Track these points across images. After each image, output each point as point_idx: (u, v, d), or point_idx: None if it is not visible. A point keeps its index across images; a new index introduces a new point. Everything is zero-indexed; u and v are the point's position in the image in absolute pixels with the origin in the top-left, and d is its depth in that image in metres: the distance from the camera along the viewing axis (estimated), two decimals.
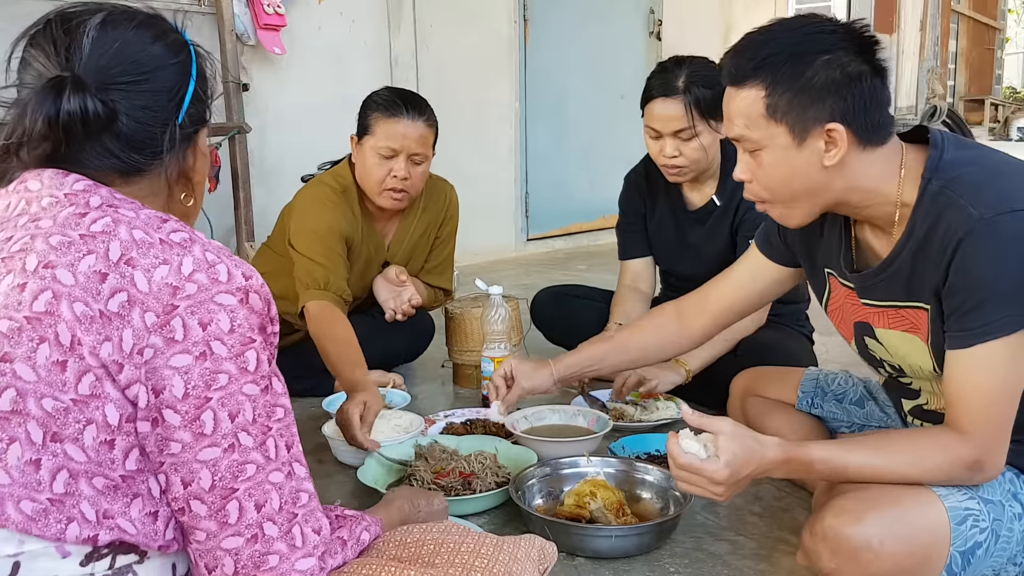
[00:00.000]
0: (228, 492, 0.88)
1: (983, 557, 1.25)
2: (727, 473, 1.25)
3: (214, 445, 0.87)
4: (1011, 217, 1.17)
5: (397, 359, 2.72)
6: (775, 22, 1.31)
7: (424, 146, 2.36)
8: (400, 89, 2.45)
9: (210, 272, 0.88)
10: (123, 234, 0.88)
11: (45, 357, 0.83)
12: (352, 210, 2.43)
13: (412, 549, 1.04)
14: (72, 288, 0.84)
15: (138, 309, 0.85)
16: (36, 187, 0.92)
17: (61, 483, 0.83)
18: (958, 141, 1.30)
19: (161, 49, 0.96)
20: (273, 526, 0.90)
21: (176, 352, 0.85)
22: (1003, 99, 16.08)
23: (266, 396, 0.90)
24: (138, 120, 0.94)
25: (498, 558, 1.03)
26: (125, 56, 0.93)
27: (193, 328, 0.86)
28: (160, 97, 0.95)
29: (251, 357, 0.89)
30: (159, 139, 0.95)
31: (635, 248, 2.55)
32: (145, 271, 0.86)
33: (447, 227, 2.67)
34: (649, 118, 2.26)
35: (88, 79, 0.91)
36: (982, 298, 1.19)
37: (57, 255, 0.85)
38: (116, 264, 0.86)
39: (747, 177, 1.36)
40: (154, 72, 0.95)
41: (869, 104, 1.25)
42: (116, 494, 0.86)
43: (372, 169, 2.35)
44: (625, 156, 3.23)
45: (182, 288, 0.86)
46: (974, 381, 1.23)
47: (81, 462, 0.84)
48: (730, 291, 1.69)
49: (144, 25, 0.97)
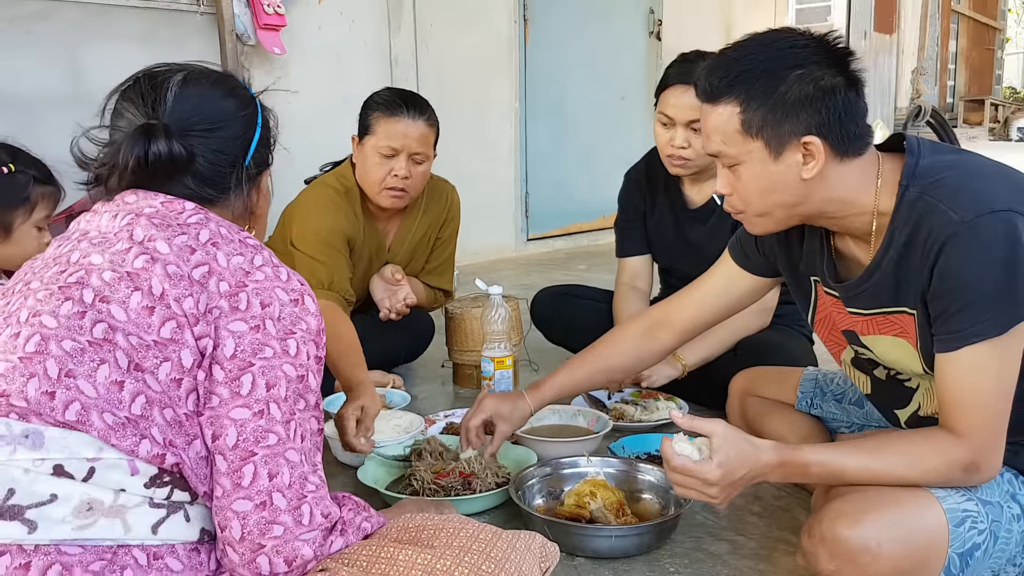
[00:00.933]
0: (247, 454, 0.98)
1: (982, 558, 1.25)
2: (720, 474, 1.25)
3: (246, 407, 0.99)
4: (990, 218, 1.17)
5: (397, 359, 2.72)
6: (748, 38, 1.32)
7: (425, 145, 2.37)
8: (401, 89, 2.46)
9: (275, 270, 1.07)
10: (212, 227, 1.07)
11: (137, 303, 0.99)
12: (354, 211, 2.44)
13: (412, 533, 1.08)
14: (167, 255, 1.02)
15: (215, 279, 1.02)
16: (132, 200, 1.09)
17: (139, 406, 0.97)
18: (934, 146, 1.30)
19: (231, 103, 1.15)
20: (282, 498, 0.99)
21: (236, 319, 1.01)
22: (1003, 99, 16.08)
23: (300, 384, 1.04)
24: (211, 161, 1.12)
25: (496, 543, 1.06)
26: (202, 109, 1.12)
27: (255, 304, 1.03)
28: (230, 143, 1.14)
29: (292, 344, 1.04)
30: (228, 177, 1.14)
31: (633, 246, 2.55)
32: (226, 254, 1.05)
33: (448, 228, 2.67)
34: (664, 105, 2.25)
35: (172, 127, 1.08)
36: (967, 301, 1.19)
37: (158, 231, 1.04)
38: (204, 244, 1.04)
39: (727, 191, 1.37)
40: (225, 122, 1.13)
41: (844, 116, 1.26)
42: (180, 430, 0.99)
43: (373, 168, 2.36)
44: (625, 156, 3.23)
45: (252, 273, 1.05)
46: (966, 383, 1.23)
47: (157, 391, 0.98)
48: (702, 302, 1.69)
49: (217, 83, 1.16)
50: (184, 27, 3.50)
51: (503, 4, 5.02)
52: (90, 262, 1.02)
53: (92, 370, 0.96)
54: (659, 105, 2.27)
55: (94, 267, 1.02)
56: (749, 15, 6.88)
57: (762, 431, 1.83)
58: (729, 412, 2.03)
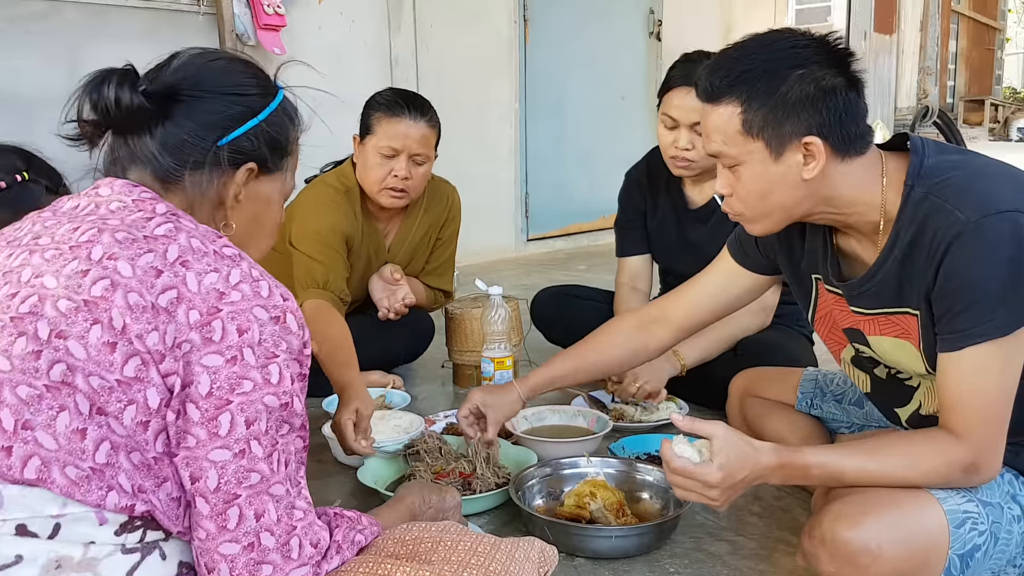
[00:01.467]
0: (231, 497, 0.92)
1: (982, 560, 1.25)
2: (720, 476, 1.25)
3: (225, 448, 0.91)
4: (997, 219, 1.17)
5: (397, 360, 2.72)
6: (749, 38, 1.32)
7: (425, 146, 2.37)
8: (403, 90, 2.46)
9: (255, 286, 0.96)
10: (182, 240, 0.96)
11: (96, 338, 0.89)
12: (354, 211, 2.44)
13: (410, 546, 1.05)
14: (129, 280, 0.91)
15: (184, 306, 0.92)
16: (106, 193, 1.01)
17: (103, 453, 0.89)
18: (938, 146, 1.30)
19: (237, 81, 1.08)
20: (271, 537, 0.94)
21: (210, 351, 0.91)
22: (1003, 99, 16.09)
23: (283, 411, 0.95)
24: (183, 128, 1.03)
25: (495, 556, 1.04)
26: (198, 79, 1.05)
27: (231, 332, 0.92)
28: (211, 116, 1.05)
29: (274, 370, 0.94)
30: (192, 150, 1.04)
31: (633, 245, 2.55)
32: (197, 274, 0.93)
33: (449, 228, 2.67)
34: (667, 107, 2.24)
35: (152, 85, 1.02)
36: (971, 300, 1.19)
37: (121, 248, 0.93)
38: (172, 264, 0.93)
39: (728, 191, 1.37)
40: (215, 95, 1.05)
41: (845, 116, 1.26)
42: (149, 473, 0.92)
43: (373, 168, 2.36)
44: (625, 156, 3.23)
45: (228, 294, 0.93)
46: (967, 384, 1.23)
47: (122, 436, 0.90)
48: (700, 299, 1.69)
49: (237, 61, 1.11)
50: (184, 27, 3.50)
51: (503, 4, 5.02)
52: (43, 284, 0.92)
53: (51, 419, 0.87)
54: (662, 106, 2.26)
55: (48, 293, 0.91)
56: (749, 15, 6.88)
57: (762, 432, 1.83)
58: (729, 413, 2.03)
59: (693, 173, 2.32)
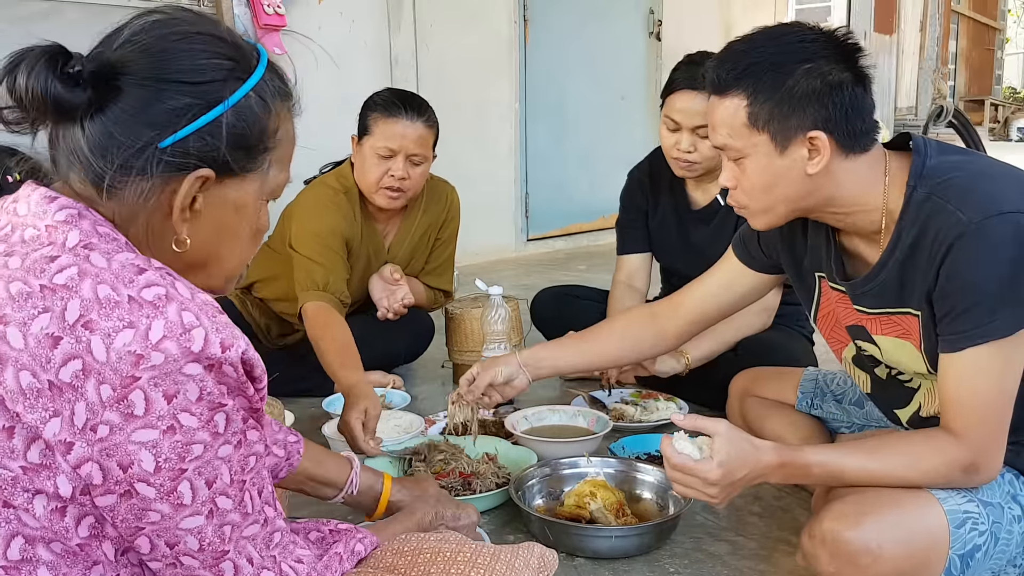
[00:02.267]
0: (220, 554, 0.84)
1: (982, 560, 1.25)
2: (720, 473, 1.25)
3: (196, 514, 0.81)
4: (999, 220, 1.17)
5: (397, 359, 2.72)
6: (757, 31, 1.32)
7: (422, 147, 2.37)
8: (401, 90, 2.47)
9: (182, 340, 0.77)
10: (86, 291, 0.76)
11: None
12: (353, 211, 2.44)
13: (408, 558, 1.03)
14: (20, 353, 0.75)
15: (93, 380, 0.75)
16: (24, 211, 0.84)
17: (16, 549, 0.77)
18: (940, 146, 1.30)
19: (188, 65, 0.85)
20: (269, 572, 0.88)
21: (138, 427, 0.76)
22: (1003, 99, 16.09)
23: (239, 450, 0.83)
24: (114, 121, 0.83)
25: (495, 567, 1.02)
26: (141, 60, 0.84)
27: (156, 401, 0.76)
28: (152, 112, 0.83)
29: (220, 420, 0.80)
30: (119, 153, 0.83)
31: (634, 244, 2.55)
32: (105, 336, 0.75)
33: (448, 228, 2.67)
34: (669, 109, 2.24)
35: (88, 65, 0.82)
36: (973, 301, 1.19)
37: (13, 308, 0.76)
38: (72, 327, 0.75)
39: (732, 184, 1.37)
40: (160, 84, 0.83)
41: (851, 112, 1.26)
42: (75, 559, 0.80)
43: (370, 169, 2.36)
44: (625, 156, 3.23)
45: (147, 357, 0.75)
46: (967, 384, 1.23)
47: (36, 528, 0.78)
48: (706, 298, 1.70)
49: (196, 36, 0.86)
50: None
51: (503, 4, 5.01)
52: None
53: None
54: (665, 108, 2.26)
55: None
56: (749, 15, 6.87)
57: (762, 431, 1.83)
58: (729, 412, 2.03)
59: (695, 174, 2.32)
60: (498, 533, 1.68)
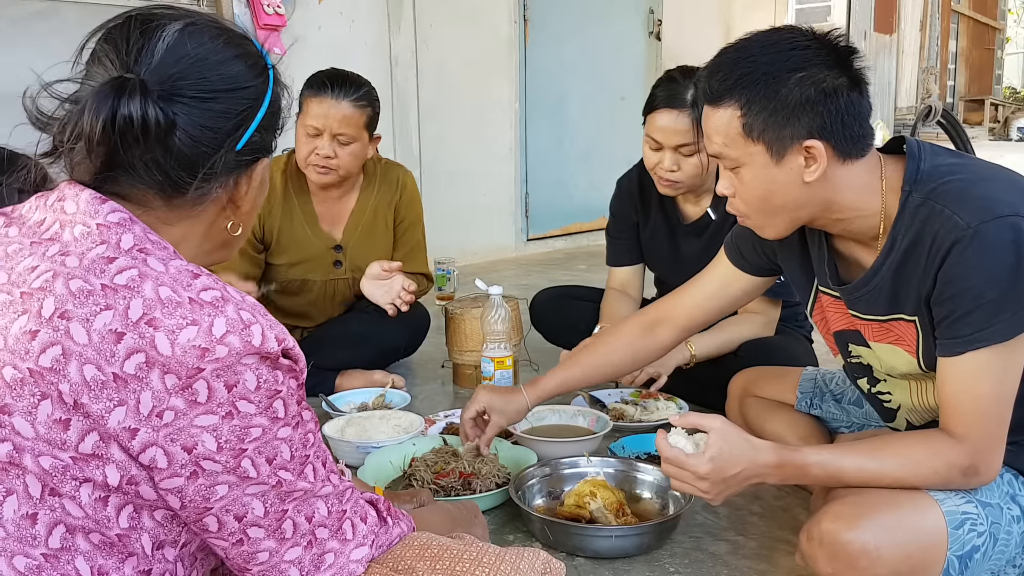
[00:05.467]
0: (281, 514, 0.89)
1: (981, 561, 1.25)
2: (710, 468, 1.25)
3: (261, 483, 0.87)
4: (996, 224, 1.17)
5: (397, 353, 2.71)
6: (750, 36, 1.30)
7: (349, 127, 2.39)
8: (337, 70, 2.48)
9: (244, 335, 0.83)
10: (148, 291, 0.82)
11: (46, 414, 0.80)
12: (282, 189, 2.51)
13: (415, 551, 1.04)
14: (84, 348, 0.79)
15: (157, 371, 0.80)
16: (72, 210, 0.87)
17: (57, 538, 0.81)
18: (935, 149, 1.30)
19: (237, 71, 0.92)
20: (325, 530, 0.93)
21: (200, 413, 0.81)
22: (1003, 99, 16.09)
23: (298, 431, 0.89)
24: (194, 138, 0.89)
25: (499, 567, 1.03)
26: (197, 70, 0.89)
27: (218, 390, 0.82)
28: (224, 120, 0.90)
29: (279, 406, 0.87)
30: (212, 162, 0.90)
31: (624, 256, 2.54)
32: (169, 332, 0.80)
33: (407, 212, 2.68)
34: (651, 128, 2.20)
35: (152, 85, 0.86)
36: (972, 306, 1.19)
37: (75, 304, 0.80)
38: (136, 324, 0.80)
39: (730, 192, 1.37)
40: (224, 93, 0.90)
41: (847, 118, 1.25)
42: (112, 551, 0.84)
43: (301, 147, 2.44)
44: (625, 156, 3.23)
45: (212, 350, 0.81)
46: (966, 388, 1.22)
47: (79, 517, 0.82)
48: (699, 301, 1.69)
49: (227, 42, 0.92)
50: None
51: (503, 4, 5.01)
52: None
53: None
54: (647, 127, 2.22)
55: None
56: (749, 15, 6.88)
57: (762, 431, 1.83)
58: (729, 412, 2.03)
59: (679, 192, 2.30)
60: (498, 533, 1.68)
